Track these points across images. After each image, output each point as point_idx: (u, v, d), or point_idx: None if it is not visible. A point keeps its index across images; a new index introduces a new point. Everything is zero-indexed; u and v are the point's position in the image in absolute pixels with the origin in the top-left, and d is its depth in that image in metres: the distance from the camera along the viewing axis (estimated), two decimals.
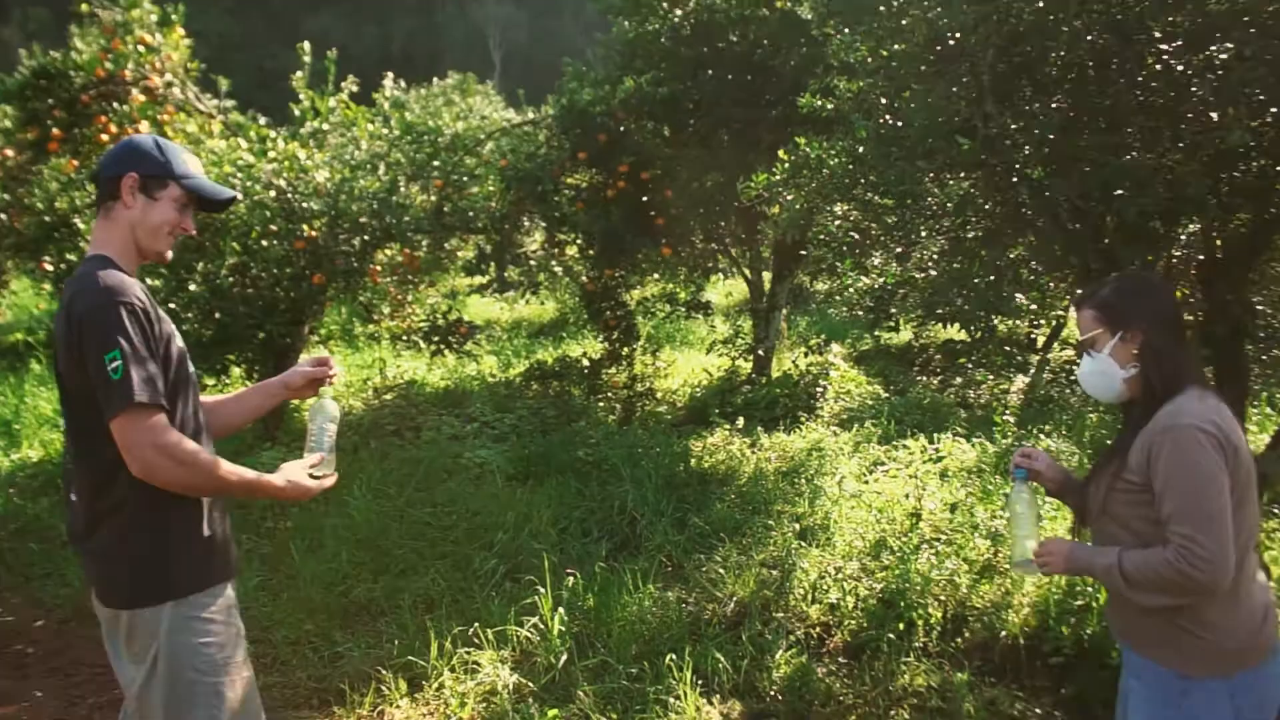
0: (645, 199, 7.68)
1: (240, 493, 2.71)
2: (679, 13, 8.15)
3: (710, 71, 7.82)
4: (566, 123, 7.52)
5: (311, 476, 2.87)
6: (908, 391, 10.08)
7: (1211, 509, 2.37)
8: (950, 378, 10.62)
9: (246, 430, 7.35)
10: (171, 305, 6.57)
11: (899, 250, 5.21)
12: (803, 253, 7.94)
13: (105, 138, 7.15)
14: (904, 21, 3.83)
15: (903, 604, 4.85)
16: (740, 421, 8.08)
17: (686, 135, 7.98)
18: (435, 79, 17.59)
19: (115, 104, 7.34)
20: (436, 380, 10.31)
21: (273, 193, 7.06)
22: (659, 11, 8.24)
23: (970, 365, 10.07)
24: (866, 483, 6.41)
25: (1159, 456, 2.44)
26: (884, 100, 4.23)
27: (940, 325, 4.85)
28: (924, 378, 10.99)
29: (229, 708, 2.66)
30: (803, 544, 5.64)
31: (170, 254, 2.82)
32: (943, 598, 4.93)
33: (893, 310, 5.80)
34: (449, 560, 5.73)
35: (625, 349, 8.96)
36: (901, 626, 4.73)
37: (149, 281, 6.66)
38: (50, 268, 7.86)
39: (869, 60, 4.26)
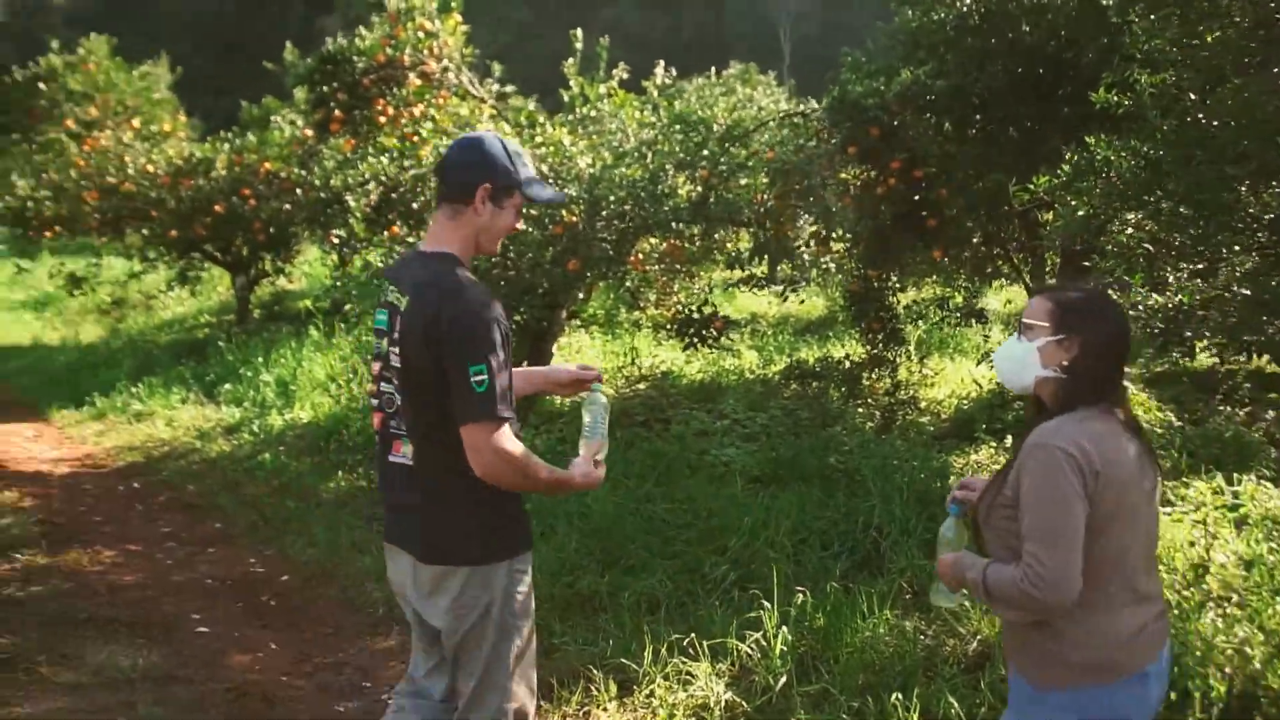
0: (918, 198, 7.21)
1: (551, 491, 3.12)
2: (966, 1, 7.60)
3: (999, 64, 7.25)
4: (837, 115, 7.15)
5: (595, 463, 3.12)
6: (1206, 422, 9.09)
7: (1059, 531, 2.43)
8: (1261, 410, 9.51)
9: None
10: None
11: (1201, 266, 4.59)
12: (1086, 264, 7.23)
13: (383, 120, 7.43)
14: (1224, 2, 3.29)
15: (1177, 670, 4.26)
16: (1009, 440, 7.47)
17: (969, 132, 7.44)
18: (721, 68, 17.53)
19: (394, 88, 7.63)
20: (693, 373, 10.19)
21: None
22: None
23: None
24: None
25: (1024, 474, 2.51)
26: (1192, 95, 3.66)
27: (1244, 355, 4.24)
28: (1227, 408, 9.90)
29: (531, 645, 3.05)
30: None
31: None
32: (1228, 670, 4.29)
33: (1187, 334, 5.12)
34: (679, 561, 5.55)
35: (889, 354, 8.51)
36: (1174, 697, 4.15)
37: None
38: (336, 240, 8.28)
39: (1173, 49, 3.71)
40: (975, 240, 8.31)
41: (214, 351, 12.29)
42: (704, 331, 7.73)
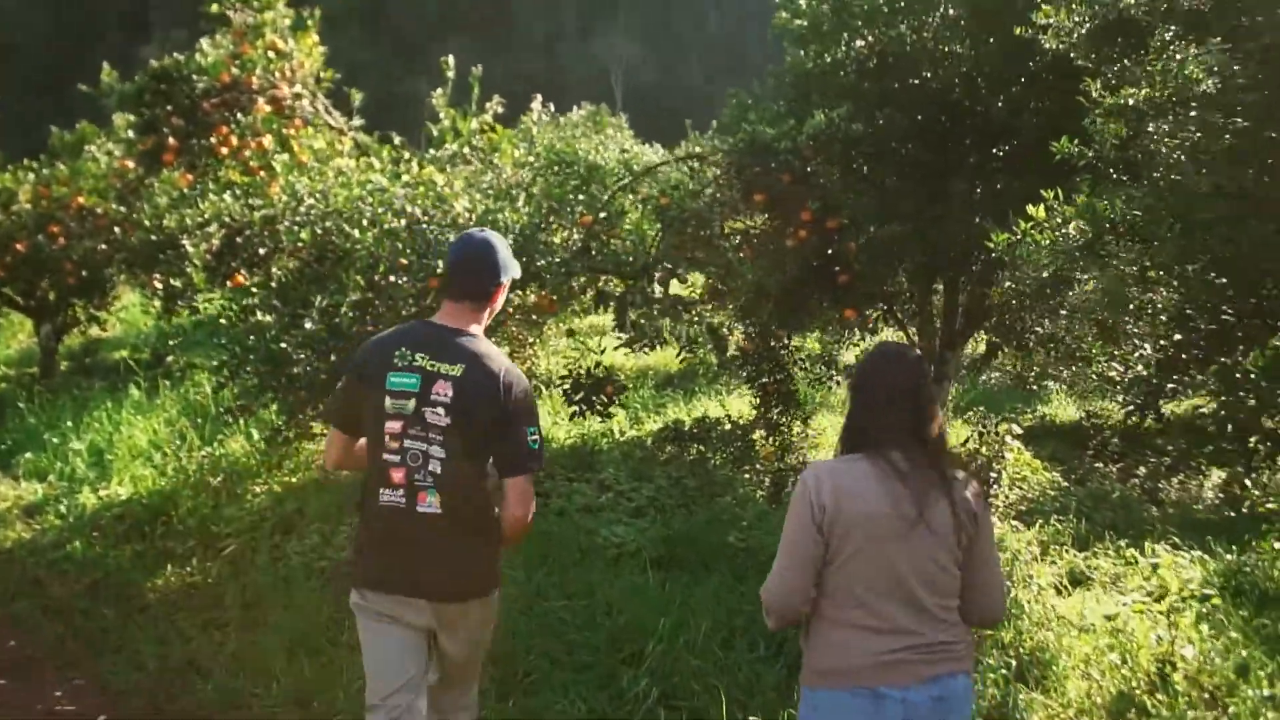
0: (830, 252, 6.66)
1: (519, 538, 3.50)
2: (860, 44, 7.19)
3: (898, 110, 6.83)
4: (745, 158, 6.55)
5: None
6: (1087, 481, 8.91)
7: (784, 548, 2.78)
8: (1133, 465, 9.43)
9: None
10: (283, 344, 5.76)
11: (1178, 337, 4.13)
12: (1033, 332, 6.80)
13: (225, 151, 6.42)
14: None
15: None
16: None
17: (858, 180, 6.98)
18: (560, 112, 16.86)
19: (238, 114, 6.63)
20: (562, 436, 9.40)
21: (403, 221, 6.25)
22: (841, 41, 7.29)
23: (1167, 457, 8.84)
24: (1110, 618, 5.23)
25: None
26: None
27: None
28: (1100, 464, 9.77)
29: None
30: (1022, 687, 4.55)
31: None
32: None
33: (1160, 406, 4.72)
34: (589, 674, 4.76)
35: (783, 417, 7.93)
36: None
37: (263, 318, 5.90)
38: (160, 285, 7.24)
39: (1198, 86, 3.20)
40: (870, 294, 7.84)
41: (12, 413, 10.62)
42: (594, 397, 6.96)
